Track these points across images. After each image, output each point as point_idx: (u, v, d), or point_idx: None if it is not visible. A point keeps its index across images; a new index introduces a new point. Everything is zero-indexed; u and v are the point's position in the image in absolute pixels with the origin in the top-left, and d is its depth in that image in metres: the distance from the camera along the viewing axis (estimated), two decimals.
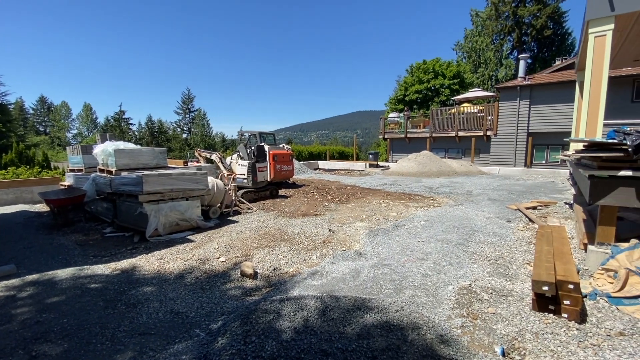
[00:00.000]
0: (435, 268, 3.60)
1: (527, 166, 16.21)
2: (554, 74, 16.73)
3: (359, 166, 19.17)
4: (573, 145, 8.89)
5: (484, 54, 34.77)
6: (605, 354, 2.13)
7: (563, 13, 30.42)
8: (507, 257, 3.96)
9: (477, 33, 35.36)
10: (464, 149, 19.12)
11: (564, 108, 14.96)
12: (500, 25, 32.26)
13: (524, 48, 31.87)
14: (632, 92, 13.33)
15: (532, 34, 30.94)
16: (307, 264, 3.84)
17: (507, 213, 6.40)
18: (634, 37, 6.82)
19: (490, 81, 34.07)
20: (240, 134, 10.87)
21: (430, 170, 14.49)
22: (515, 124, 16.49)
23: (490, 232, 5.04)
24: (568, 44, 31.23)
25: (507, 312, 2.69)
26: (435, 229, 5.21)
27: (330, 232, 5.14)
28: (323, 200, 8.15)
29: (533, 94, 15.91)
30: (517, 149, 16.58)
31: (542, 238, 4.01)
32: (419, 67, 32.33)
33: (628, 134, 3.21)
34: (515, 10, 30.73)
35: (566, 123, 14.85)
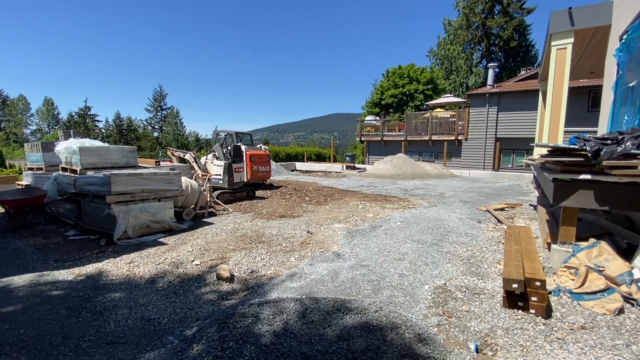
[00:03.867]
0: (411, 268, 3.67)
1: (495, 169, 17.02)
2: (520, 83, 17.73)
3: (336, 168, 19.30)
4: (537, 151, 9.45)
5: (455, 62, 36.20)
6: (569, 347, 2.26)
7: (527, 26, 32.35)
8: (478, 257, 4.12)
9: (449, 41, 36.78)
10: (436, 153, 19.78)
11: (528, 115, 15.87)
12: (470, 35, 33.76)
13: (492, 57, 33.54)
14: (588, 102, 14.40)
15: (499, 44, 32.65)
16: (286, 266, 3.79)
17: (477, 214, 6.67)
18: (590, 51, 7.36)
19: (461, 88, 35.51)
20: (215, 133, 10.62)
21: (405, 173, 14.86)
22: (484, 129, 17.28)
23: (462, 232, 5.22)
24: (532, 55, 33.22)
25: (480, 309, 2.79)
26: (411, 229, 5.33)
27: (309, 233, 5.12)
28: (301, 202, 8.12)
29: (501, 101, 16.76)
30: (486, 153, 17.38)
31: (510, 238, 4.21)
32: (395, 72, 33.11)
33: (587, 141, 3.44)
34: (485, 21, 32.31)
35: (530, 129, 15.76)
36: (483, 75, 33.44)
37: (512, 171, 16.92)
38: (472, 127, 17.74)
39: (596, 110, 14.13)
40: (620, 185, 3.21)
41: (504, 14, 31.85)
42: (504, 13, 31.84)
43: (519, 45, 32.63)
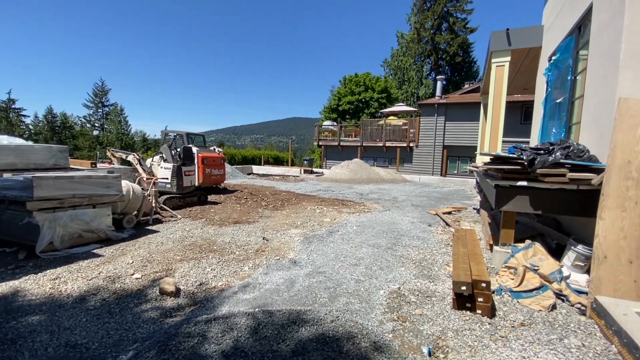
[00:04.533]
0: (367, 273, 3.69)
1: (443, 175, 18.17)
2: (464, 96, 19.20)
3: (294, 172, 19.18)
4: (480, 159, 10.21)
5: (407, 73, 38.23)
6: (512, 344, 2.39)
7: (470, 44, 35.33)
8: (429, 260, 4.27)
9: (402, 53, 38.78)
10: (390, 158, 20.59)
11: (471, 125, 17.22)
12: (421, 49, 35.95)
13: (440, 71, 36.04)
14: (521, 115, 16.03)
15: (446, 59, 35.19)
16: (239, 276, 3.58)
17: (427, 218, 6.99)
18: (524, 70, 8.16)
19: (412, 97, 37.56)
20: (164, 133, 9.92)
21: (361, 177, 15.22)
22: (433, 137, 18.39)
23: (414, 235, 5.41)
24: (474, 70, 36.29)
25: (432, 312, 2.86)
26: (367, 234, 5.40)
27: (264, 240, 4.93)
28: (257, 207, 7.86)
29: (447, 111, 17.99)
30: (435, 160, 18.50)
31: (458, 241, 4.43)
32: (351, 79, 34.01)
33: (524, 150, 3.75)
34: (434, 36, 34.64)
35: (473, 138, 17.10)
36: (432, 86, 35.75)
37: (458, 177, 18.20)
38: (423, 135, 18.78)
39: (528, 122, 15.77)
40: (551, 191, 3.54)
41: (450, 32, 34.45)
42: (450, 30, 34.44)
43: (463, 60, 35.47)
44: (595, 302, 2.62)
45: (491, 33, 7.33)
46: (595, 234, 2.93)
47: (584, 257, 3.38)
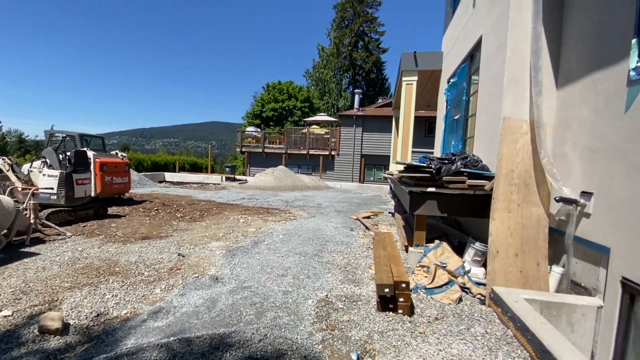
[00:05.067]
0: (295, 283, 3.60)
1: (361, 182, 19.38)
2: (378, 109, 20.95)
3: (215, 179, 18.07)
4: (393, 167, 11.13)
5: (328, 85, 40.03)
6: (429, 338, 2.58)
7: (383, 62, 38.89)
8: (353, 264, 4.41)
9: (323, 65, 40.47)
10: (314, 166, 21.10)
11: (385, 136, 18.85)
12: (340, 63, 38.11)
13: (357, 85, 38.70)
14: (425, 128, 18.22)
15: (362, 74, 38.02)
16: (149, 301, 3.11)
17: (350, 223, 7.29)
18: (428, 88, 9.26)
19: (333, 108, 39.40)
20: (48, 134, 8.26)
21: (286, 185, 15.18)
22: (352, 146, 19.53)
23: (338, 241, 5.55)
24: (386, 87, 39.99)
25: (358, 317, 2.92)
26: (293, 242, 5.33)
27: (180, 256, 4.44)
28: (171, 219, 7.09)
29: (365, 123, 19.36)
30: (354, 168, 19.64)
31: (378, 244, 4.70)
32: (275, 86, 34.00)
33: (432, 160, 4.20)
34: (351, 52, 37.10)
35: (387, 148, 18.71)
36: (350, 99, 38.11)
37: (374, 183, 19.64)
38: (343, 144, 19.79)
39: (431, 135, 18.04)
40: (454, 196, 4.02)
41: (365, 50, 37.39)
42: (366, 49, 37.41)
43: (377, 77, 38.83)
44: (492, 292, 3.03)
45: (402, 54, 8.14)
46: (490, 232, 3.41)
47: (481, 253, 3.91)
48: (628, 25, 2.54)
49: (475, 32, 5.01)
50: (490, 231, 3.40)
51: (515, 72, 3.66)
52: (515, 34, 3.64)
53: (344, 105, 38.25)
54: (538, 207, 3.40)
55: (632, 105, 2.44)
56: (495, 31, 4.13)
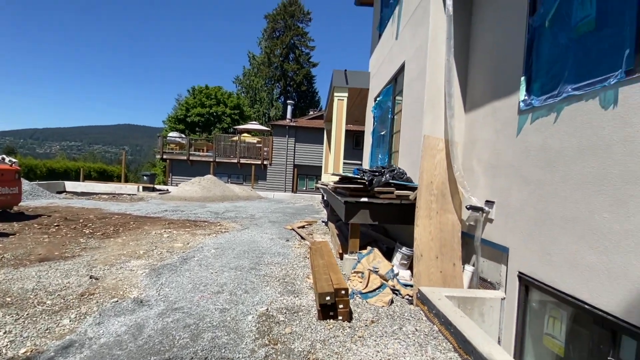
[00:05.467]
0: (232, 300, 3.45)
1: (294, 192, 19.53)
2: (311, 121, 21.52)
3: (130, 189, 16.16)
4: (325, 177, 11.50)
5: (259, 93, 39.68)
6: (367, 341, 2.73)
7: (313, 76, 40.23)
8: (292, 275, 4.41)
9: (253, 74, 40.04)
10: (245, 175, 20.51)
11: (317, 147, 19.41)
12: (271, 73, 38.21)
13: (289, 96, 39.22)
14: (353, 142, 19.33)
15: (293, 86, 38.71)
16: (55, 335, 2.62)
17: (285, 233, 7.27)
18: (357, 105, 9.90)
19: (264, 117, 39.10)
20: None
21: (215, 195, 14.41)
22: (285, 156, 19.61)
23: (275, 252, 5.50)
24: (316, 100, 41.36)
25: (300, 327, 2.93)
26: (227, 256, 5.09)
27: (92, 279, 3.86)
28: (77, 236, 6.11)
29: (297, 134, 19.67)
30: (287, 177, 19.70)
31: (315, 253, 4.80)
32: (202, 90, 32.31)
33: (365, 172, 4.50)
34: (282, 64, 37.54)
35: (319, 159, 19.26)
36: (282, 109, 38.37)
37: (306, 193, 19.97)
38: (276, 153, 19.73)
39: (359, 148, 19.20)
40: (384, 205, 4.36)
41: (296, 62, 38.24)
42: (297, 61, 38.28)
43: (308, 90, 39.95)
44: (419, 292, 3.36)
45: (333, 71, 8.58)
46: (414, 238, 3.78)
47: (407, 257, 4.30)
48: (518, 64, 3.16)
49: (399, 58, 5.60)
50: (415, 236, 3.78)
51: (432, 96, 4.19)
52: (432, 64, 4.18)
53: (275, 114, 38.29)
54: (453, 214, 3.91)
55: (522, 131, 3.03)
56: (416, 60, 4.69)
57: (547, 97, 2.74)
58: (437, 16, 4.14)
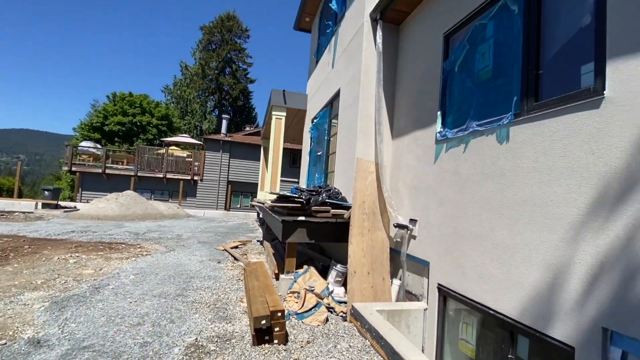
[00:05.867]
0: (155, 331, 3.11)
1: (227, 209, 18.68)
2: (247, 137, 21.14)
3: (25, 206, 13.59)
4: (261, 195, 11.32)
5: (191, 105, 37.73)
6: None
7: (250, 92, 39.91)
8: (224, 299, 4.19)
9: (185, 84, 38.07)
10: (171, 191, 18.98)
11: (253, 164, 19.06)
12: (205, 85, 36.81)
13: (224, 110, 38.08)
14: (290, 160, 19.50)
15: (229, 100, 37.81)
16: None
17: (216, 254, 6.89)
18: (295, 124, 10.11)
19: (196, 130, 37.14)
20: None
21: (135, 213, 12.98)
22: (218, 172, 18.78)
23: (205, 276, 5.16)
24: (253, 116, 40.94)
25: (233, 356, 2.78)
26: (149, 282, 4.61)
27: None
28: None
29: (232, 149, 19.09)
30: (220, 194, 18.80)
31: (250, 275, 4.64)
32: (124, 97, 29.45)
33: (303, 191, 4.58)
34: (218, 77, 36.53)
35: (255, 176, 18.90)
36: (216, 122, 36.98)
37: (241, 211, 19.29)
38: (208, 169, 18.77)
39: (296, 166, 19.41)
40: (321, 224, 4.48)
41: (233, 77, 37.60)
42: (233, 76, 37.65)
43: (244, 105, 39.38)
44: (352, 308, 3.48)
45: (272, 91, 8.69)
46: (348, 255, 3.95)
47: (342, 274, 4.44)
48: (435, 100, 3.64)
49: (334, 85, 5.95)
50: (349, 254, 3.95)
51: (364, 123, 4.54)
52: (364, 94, 4.56)
53: (208, 128, 36.68)
54: (382, 232, 4.20)
55: (438, 158, 3.46)
56: (350, 88, 5.05)
57: (457, 130, 3.20)
58: (369, 52, 4.57)
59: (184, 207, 17.12)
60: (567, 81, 2.25)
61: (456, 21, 3.37)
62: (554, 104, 2.24)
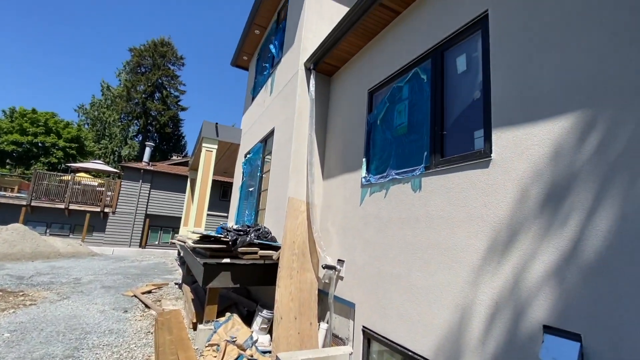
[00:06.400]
0: None
1: (142, 247, 16.64)
2: (172, 167, 19.70)
3: None
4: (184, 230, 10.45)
5: (110, 128, 34.24)
6: None
7: (181, 120, 37.99)
8: (125, 357, 3.58)
9: (105, 105, 34.70)
10: (74, 225, 16.33)
11: (177, 196, 17.65)
12: (130, 108, 34.00)
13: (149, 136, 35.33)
14: (220, 193, 18.61)
15: (156, 126, 35.33)
16: None
17: (123, 302, 5.99)
18: (227, 157, 9.82)
19: (113, 156, 33.47)
20: None
21: (23, 252, 10.71)
22: (135, 204, 16.87)
23: (105, 330, 4.40)
24: (182, 144, 38.70)
25: None
26: (30, 341, 3.72)
27: None
28: None
29: (154, 179, 17.50)
30: (135, 229, 16.75)
31: (162, 327, 4.10)
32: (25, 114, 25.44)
33: (229, 231, 4.36)
34: (145, 101, 34.18)
35: (179, 209, 17.44)
36: (138, 149, 33.90)
37: (159, 248, 17.37)
38: (123, 200, 16.75)
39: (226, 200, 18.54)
40: (248, 266, 4.26)
41: (163, 102, 35.58)
42: (163, 102, 35.66)
43: (173, 133, 37.14)
44: (277, 359, 3.27)
45: (203, 122, 8.41)
46: (275, 300, 3.79)
47: (267, 320, 4.20)
48: (361, 148, 3.92)
49: (269, 123, 6.05)
50: (276, 298, 3.79)
51: (297, 163, 4.64)
52: (297, 135, 4.71)
53: (129, 154, 33.37)
54: (311, 273, 4.17)
55: (363, 201, 3.66)
56: (284, 128, 5.17)
57: (379, 176, 3.47)
58: (303, 97, 4.81)
59: (89, 244, 14.77)
60: (465, 142, 2.65)
61: (378, 81, 3.79)
62: (455, 161, 2.61)
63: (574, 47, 1.95)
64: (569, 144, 1.88)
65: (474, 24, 2.68)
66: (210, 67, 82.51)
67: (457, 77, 2.88)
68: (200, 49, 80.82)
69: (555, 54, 2.05)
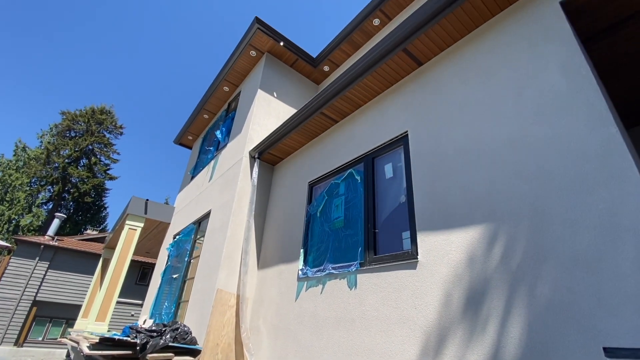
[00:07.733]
0: None
1: (19, 344, 12.95)
2: (84, 243, 17.05)
3: None
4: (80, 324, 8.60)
5: (14, 192, 29.52)
6: None
7: (106, 189, 34.68)
8: None
9: (14, 166, 30.53)
10: None
11: (82, 279, 14.88)
12: (46, 172, 30.33)
13: (62, 204, 31.11)
14: (138, 275, 16.20)
15: (74, 194, 31.52)
16: None
17: None
18: (152, 236, 8.91)
19: (8, 224, 28.15)
20: None
21: None
22: (23, 287, 13.67)
23: None
24: (102, 216, 34.53)
25: None
26: None
27: None
28: None
29: (56, 257, 14.76)
30: (14, 320, 13.20)
31: None
32: None
33: (140, 332, 3.67)
34: (67, 166, 31.03)
35: (80, 295, 14.52)
36: (44, 218, 29.22)
37: (42, 345, 13.69)
38: (7, 281, 13.50)
39: (143, 284, 16.06)
40: None
41: (88, 169, 32.63)
42: (89, 169, 32.74)
43: (94, 203, 33.33)
44: None
45: (132, 197, 7.77)
46: None
47: None
48: (299, 238, 3.90)
49: (206, 204, 5.83)
50: None
51: (231, 249, 4.39)
52: (235, 221, 4.57)
53: (30, 224, 28.38)
54: None
55: (299, 296, 3.49)
56: (221, 212, 5.01)
57: (317, 270, 3.42)
58: (244, 182, 4.84)
59: None
60: (395, 242, 2.83)
61: (318, 175, 4.05)
62: (387, 260, 2.72)
63: (472, 173, 2.37)
64: (480, 251, 2.12)
65: (397, 140, 3.16)
66: (153, 139, 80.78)
67: (386, 181, 3.22)
68: (144, 122, 79.79)
69: (457, 177, 2.45)
